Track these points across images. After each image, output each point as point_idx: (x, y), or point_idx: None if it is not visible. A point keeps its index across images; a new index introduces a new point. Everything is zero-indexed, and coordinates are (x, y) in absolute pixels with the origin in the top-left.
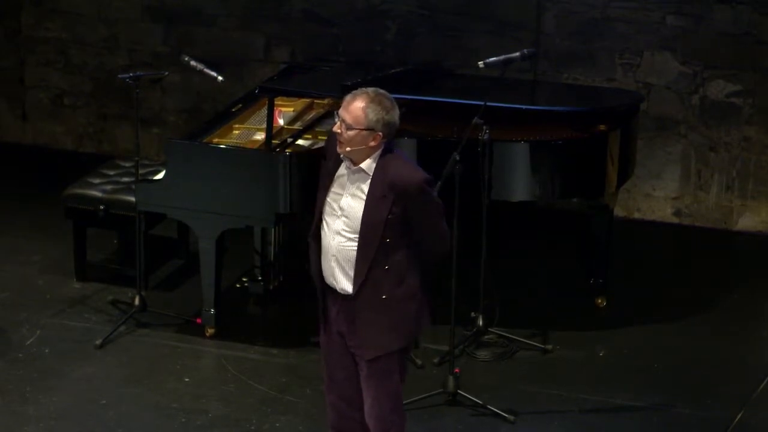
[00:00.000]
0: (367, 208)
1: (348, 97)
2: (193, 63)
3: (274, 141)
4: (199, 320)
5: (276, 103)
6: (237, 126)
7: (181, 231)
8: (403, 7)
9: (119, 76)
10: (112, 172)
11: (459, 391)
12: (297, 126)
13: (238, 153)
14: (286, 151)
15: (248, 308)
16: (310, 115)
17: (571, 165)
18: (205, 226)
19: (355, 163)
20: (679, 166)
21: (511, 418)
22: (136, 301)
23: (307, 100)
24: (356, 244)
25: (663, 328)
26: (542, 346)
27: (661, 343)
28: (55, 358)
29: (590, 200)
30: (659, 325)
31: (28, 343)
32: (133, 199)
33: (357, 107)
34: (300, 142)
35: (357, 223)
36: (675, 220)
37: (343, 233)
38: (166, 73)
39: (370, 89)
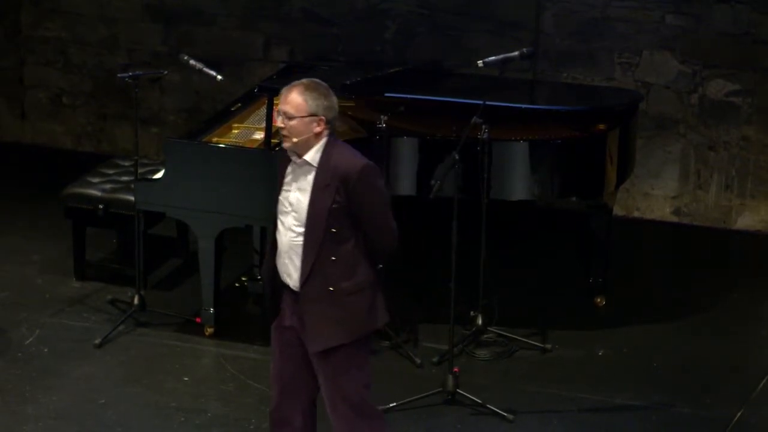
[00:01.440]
0: (312, 198)
1: (284, 90)
2: (192, 62)
3: (273, 140)
4: (198, 319)
5: (275, 102)
6: (236, 125)
7: (181, 230)
8: (402, 7)
9: (118, 75)
10: (111, 172)
11: (458, 390)
12: None
13: (237, 152)
14: None
15: (247, 308)
16: None
17: (570, 164)
18: (205, 225)
19: (300, 155)
20: (678, 166)
21: (510, 417)
22: (136, 301)
23: None
24: (302, 237)
25: (662, 327)
26: (541, 345)
27: (661, 342)
28: (54, 357)
29: (589, 199)
30: (658, 324)
31: (28, 342)
32: (132, 198)
33: (295, 96)
34: None
35: (303, 216)
36: (674, 219)
37: (293, 228)
38: (166, 72)
39: (304, 79)
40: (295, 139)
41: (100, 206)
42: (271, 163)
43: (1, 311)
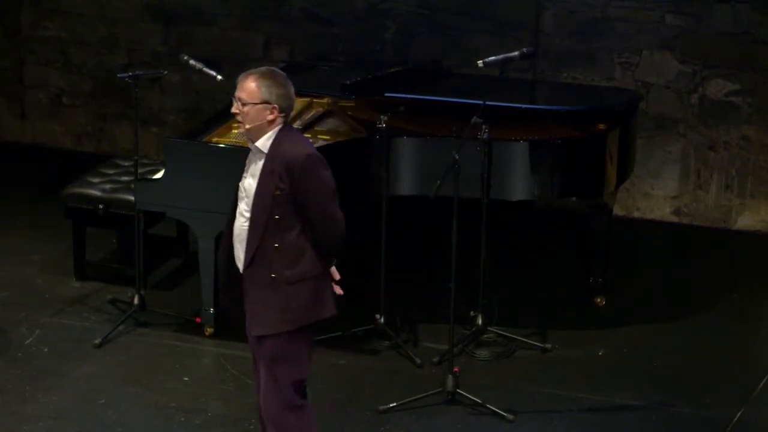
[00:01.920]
0: (258, 184)
1: (241, 77)
2: (192, 62)
3: None
4: (198, 319)
5: None
6: (236, 125)
7: (181, 230)
8: (402, 7)
9: (118, 75)
10: (111, 171)
11: (458, 390)
12: (296, 125)
13: (237, 152)
14: None
15: None
16: (309, 115)
17: (570, 164)
18: (205, 225)
19: (253, 141)
20: (679, 166)
21: (510, 417)
22: (136, 301)
23: (306, 99)
24: (248, 223)
25: (662, 327)
26: (541, 345)
27: (661, 341)
28: (54, 357)
29: (589, 199)
30: (658, 324)
31: (28, 342)
32: (132, 198)
33: (250, 83)
34: None
35: (251, 202)
36: (674, 219)
37: (244, 213)
38: (165, 72)
39: (263, 67)
40: (248, 126)
41: (100, 206)
42: None
43: (1, 311)
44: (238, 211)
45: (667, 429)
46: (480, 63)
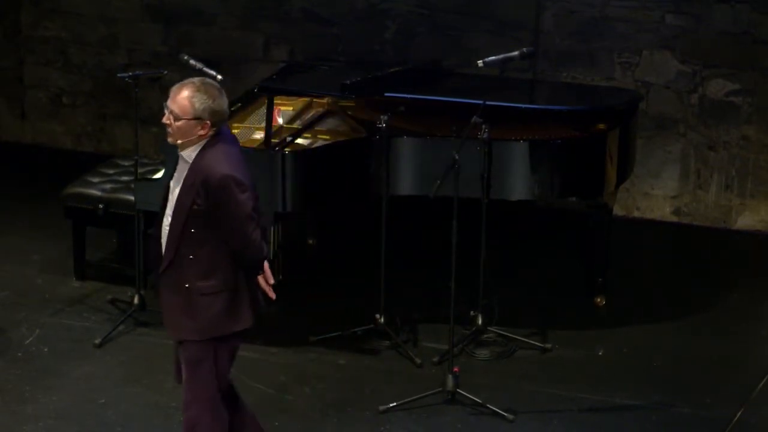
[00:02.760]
0: (179, 195)
1: (174, 88)
2: (192, 62)
3: (273, 140)
4: None
5: (275, 102)
6: (236, 125)
7: None
8: (402, 7)
9: (118, 75)
10: (111, 171)
11: (458, 389)
12: (296, 125)
13: None
14: (285, 150)
15: None
16: (310, 114)
17: (570, 164)
18: None
19: (181, 150)
20: (679, 165)
21: (511, 417)
22: (136, 300)
23: (306, 99)
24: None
25: (662, 326)
26: (541, 345)
27: (661, 341)
28: (54, 357)
29: (589, 199)
30: (658, 324)
31: (27, 342)
32: (132, 198)
33: (183, 97)
34: (299, 141)
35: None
36: (674, 219)
37: (168, 216)
38: (166, 72)
39: (197, 78)
40: (179, 141)
41: (100, 206)
42: (270, 162)
43: (1, 311)
44: (165, 212)
45: (667, 429)
46: (480, 63)
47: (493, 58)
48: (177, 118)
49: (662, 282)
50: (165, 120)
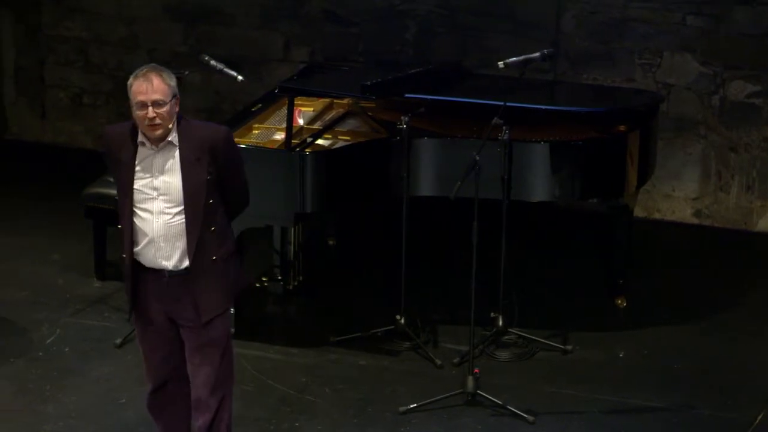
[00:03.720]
0: (185, 175)
1: (141, 82)
2: (212, 63)
3: (293, 140)
4: None
5: (296, 102)
6: (257, 125)
7: None
8: (423, 7)
9: None
10: None
11: (478, 391)
12: (317, 126)
13: (257, 152)
14: (306, 150)
15: (267, 308)
16: (330, 115)
17: (590, 165)
18: None
19: (166, 137)
20: (699, 167)
21: (531, 418)
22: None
23: (327, 100)
24: (183, 216)
25: (683, 328)
26: (562, 346)
27: (681, 343)
28: (74, 357)
29: (610, 201)
30: (679, 325)
31: (48, 342)
32: None
33: (159, 83)
34: (320, 141)
35: (177, 195)
36: (695, 220)
37: (167, 211)
38: (186, 72)
39: (145, 67)
40: (169, 125)
41: None
42: (291, 163)
43: (22, 311)
44: (152, 212)
45: (688, 430)
46: (501, 64)
47: (514, 59)
48: (163, 104)
49: (683, 284)
50: (151, 115)
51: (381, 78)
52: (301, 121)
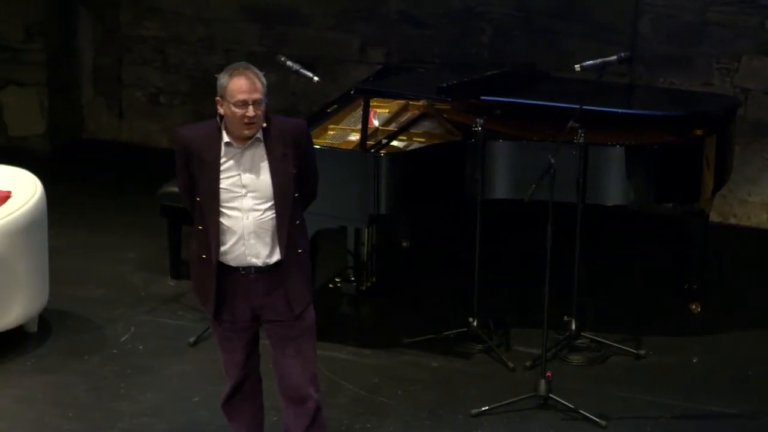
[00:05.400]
0: (274, 170)
1: (243, 81)
2: (289, 63)
3: (368, 142)
4: None
5: (371, 104)
6: (332, 126)
7: None
8: (498, 9)
9: (216, 75)
10: None
11: (550, 395)
12: (392, 127)
13: (332, 153)
14: (381, 152)
15: (340, 308)
16: (405, 117)
17: (666, 169)
18: None
19: (252, 135)
20: None
21: (603, 423)
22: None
23: (402, 101)
24: (273, 211)
25: (758, 335)
26: (635, 351)
27: (756, 349)
28: (148, 354)
29: (686, 205)
30: (754, 331)
31: (123, 339)
32: None
33: (258, 82)
34: (395, 143)
35: (267, 191)
36: None
37: (257, 207)
38: (263, 73)
39: (239, 65)
40: (264, 124)
41: None
42: (366, 164)
43: (98, 308)
44: (241, 210)
45: None
46: (577, 67)
47: (590, 62)
48: (261, 103)
49: (758, 290)
50: (251, 114)
51: (456, 80)
52: (376, 123)
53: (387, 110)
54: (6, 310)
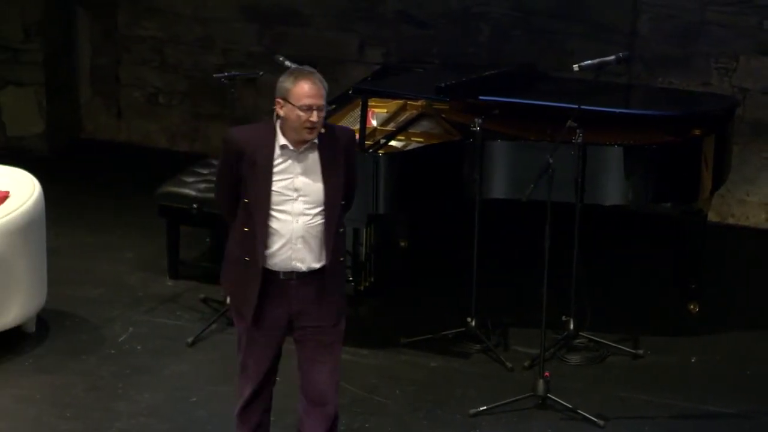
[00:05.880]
0: (326, 175)
1: (310, 85)
2: (287, 63)
3: (367, 142)
4: None
5: (369, 104)
6: None
7: None
8: (497, 10)
9: (214, 75)
10: (205, 171)
11: (549, 394)
12: (390, 127)
13: None
14: (379, 152)
15: None
16: (404, 117)
17: (665, 169)
18: None
19: (312, 139)
20: None
21: (601, 422)
22: (228, 300)
23: (401, 101)
24: (322, 216)
25: (756, 334)
26: (633, 351)
27: (754, 350)
28: (146, 355)
29: (684, 205)
30: (752, 331)
31: (121, 339)
32: None
33: (322, 88)
34: (393, 143)
35: (318, 195)
36: None
37: (307, 212)
38: (261, 73)
39: (303, 68)
40: (322, 129)
41: (194, 205)
42: (364, 164)
43: (95, 308)
44: (291, 213)
45: None
46: (576, 67)
47: (589, 62)
48: (323, 109)
49: (756, 289)
50: (314, 119)
51: (455, 80)
52: (374, 123)
53: (385, 110)
54: (4, 310)
